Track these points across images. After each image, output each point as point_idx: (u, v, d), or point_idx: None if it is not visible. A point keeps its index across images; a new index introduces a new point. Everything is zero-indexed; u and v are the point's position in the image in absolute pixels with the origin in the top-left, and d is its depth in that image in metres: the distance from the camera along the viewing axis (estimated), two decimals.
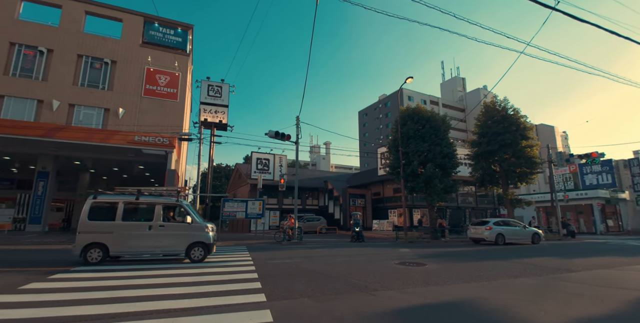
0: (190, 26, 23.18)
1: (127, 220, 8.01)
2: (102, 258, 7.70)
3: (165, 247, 8.14)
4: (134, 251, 8.00)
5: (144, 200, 8.29)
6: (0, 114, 17.70)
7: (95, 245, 7.67)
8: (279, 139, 16.44)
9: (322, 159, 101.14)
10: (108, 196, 8.21)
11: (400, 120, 20.83)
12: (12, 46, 18.61)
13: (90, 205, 7.89)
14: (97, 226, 7.78)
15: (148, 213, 8.20)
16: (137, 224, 8.04)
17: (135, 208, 8.28)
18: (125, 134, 16.99)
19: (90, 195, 8.23)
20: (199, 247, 8.27)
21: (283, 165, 31.11)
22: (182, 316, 3.66)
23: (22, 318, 3.51)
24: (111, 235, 7.77)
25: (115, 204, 8.02)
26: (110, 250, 7.73)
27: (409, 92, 61.74)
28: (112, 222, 7.87)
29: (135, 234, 7.93)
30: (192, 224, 8.35)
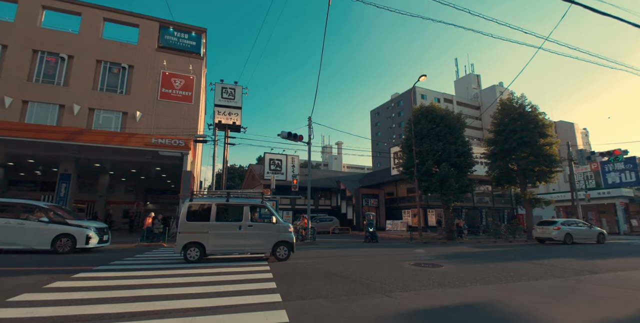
0: (204, 30, 23.60)
1: (219, 220, 8.51)
2: (199, 257, 8.18)
3: (253, 246, 8.55)
4: (225, 249, 8.48)
5: (233, 202, 8.76)
6: (25, 118, 18.47)
7: (194, 244, 8.18)
8: (292, 139, 16.53)
9: (334, 159, 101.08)
10: (202, 199, 8.93)
11: (414, 119, 20.58)
12: (35, 53, 19.40)
13: (187, 207, 8.47)
14: (195, 226, 8.31)
15: (237, 214, 8.69)
16: (229, 224, 8.54)
17: (225, 209, 8.80)
18: (142, 137, 17.45)
19: (186, 198, 8.92)
20: (283, 246, 8.62)
21: (295, 165, 31.25)
22: (199, 315, 3.72)
23: (48, 316, 3.65)
24: (207, 234, 8.26)
25: (209, 206, 8.53)
26: (207, 249, 8.22)
27: (422, 90, 60.94)
28: (208, 223, 8.36)
29: (228, 234, 8.41)
30: (277, 224, 8.77)
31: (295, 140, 16.64)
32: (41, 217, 10.17)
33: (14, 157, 20.04)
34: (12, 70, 18.68)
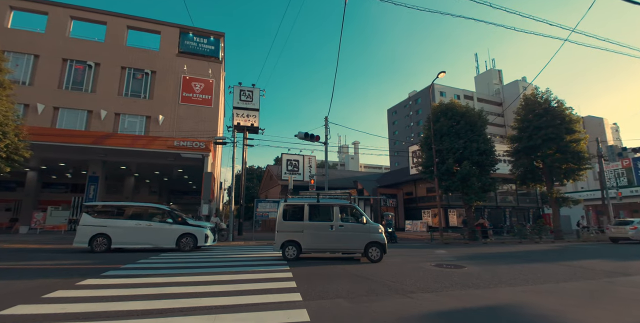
0: (222, 34, 24.12)
1: (312, 220, 8.79)
2: (296, 255, 8.52)
3: (345, 246, 8.67)
4: (319, 248, 8.66)
5: (323, 203, 9.00)
6: (56, 124, 19.50)
7: (291, 243, 8.56)
8: (308, 140, 16.58)
9: (350, 158, 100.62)
10: (295, 199, 9.25)
11: (433, 117, 20.18)
12: (64, 62, 20.45)
13: (283, 207, 8.88)
14: (291, 226, 8.70)
15: (327, 215, 8.87)
16: (321, 224, 8.74)
17: (317, 209, 9.02)
18: (165, 140, 18.04)
19: (281, 199, 9.46)
20: (375, 247, 8.55)
21: (312, 165, 31.35)
22: (222, 313, 3.81)
23: (80, 312, 3.84)
24: (302, 233, 8.61)
25: (301, 206, 8.85)
26: (303, 247, 8.53)
27: (441, 87, 59.62)
28: (302, 222, 8.70)
29: (320, 233, 8.64)
30: (367, 225, 8.78)
31: (312, 141, 16.69)
32: (167, 218, 11.16)
33: (46, 161, 21.22)
34: (44, 78, 19.78)
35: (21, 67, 19.51)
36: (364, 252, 8.51)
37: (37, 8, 20.85)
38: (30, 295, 4.58)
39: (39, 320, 3.50)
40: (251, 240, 16.32)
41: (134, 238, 10.72)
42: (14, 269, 6.96)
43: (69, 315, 3.66)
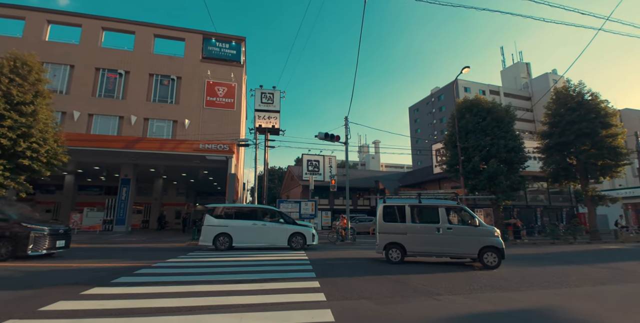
0: (243, 38, 24.65)
1: (415, 222, 8.45)
2: (401, 258, 8.20)
3: (454, 251, 8.11)
4: (425, 252, 8.26)
5: (427, 204, 8.56)
6: (91, 130, 20.67)
7: (394, 245, 8.29)
8: (329, 140, 16.62)
9: (371, 158, 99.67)
10: (394, 200, 8.91)
11: (457, 114, 19.61)
12: (97, 71, 21.64)
13: (382, 208, 8.62)
14: (392, 227, 8.43)
15: (432, 216, 8.41)
16: (427, 226, 8.33)
17: (420, 211, 8.66)
18: (191, 143, 18.69)
19: (380, 199, 9.18)
20: (492, 253, 7.82)
21: (333, 165, 31.36)
22: (249, 311, 3.90)
23: (114, 308, 4.06)
24: (405, 236, 8.29)
25: (402, 207, 8.52)
26: (407, 250, 8.24)
27: (465, 83, 57.84)
28: (404, 224, 8.38)
29: (427, 236, 8.22)
30: (480, 227, 8.13)
31: (333, 141, 16.71)
32: (279, 218, 11.95)
33: (82, 165, 22.53)
34: (79, 87, 21.02)
35: (58, 77, 20.84)
36: (477, 257, 7.87)
37: (71, 21, 22.21)
38: (70, 292, 4.89)
39: (80, 316, 3.73)
40: None
41: (252, 237, 11.48)
42: (55, 268, 7.45)
43: (105, 311, 3.89)
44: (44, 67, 14.87)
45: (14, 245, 7.93)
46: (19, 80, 13.45)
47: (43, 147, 13.71)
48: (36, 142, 13.49)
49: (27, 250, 7.98)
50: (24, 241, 7.98)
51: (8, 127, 12.61)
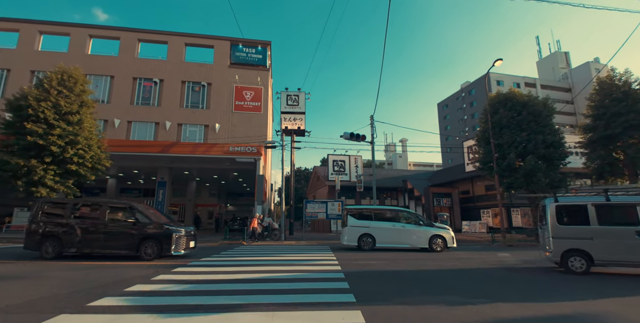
0: (268, 43, 25.20)
1: (605, 224, 6.97)
2: (586, 268, 6.92)
3: None
4: (622, 261, 6.83)
5: (618, 202, 7.13)
6: (130, 136, 22.01)
7: (575, 252, 7.03)
8: (354, 140, 16.52)
9: (398, 157, 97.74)
10: (570, 199, 7.66)
11: (490, 109, 18.73)
12: (134, 80, 23.03)
13: (555, 208, 7.42)
14: (573, 231, 7.18)
15: (626, 217, 6.92)
16: (622, 230, 6.83)
17: (609, 210, 7.18)
18: (221, 146, 19.38)
19: (547, 198, 7.84)
20: None
21: (359, 165, 31.09)
22: (280, 311, 3.97)
23: (155, 305, 4.29)
24: (591, 242, 6.94)
25: (582, 207, 7.24)
26: (595, 259, 6.89)
27: (498, 76, 55.10)
28: (589, 227, 7.03)
29: (621, 242, 6.75)
30: None
31: (358, 141, 16.59)
32: (417, 221, 12.19)
33: (123, 168, 24.05)
34: (119, 96, 22.48)
35: (100, 88, 22.42)
36: None
37: (111, 34, 23.83)
38: (115, 287, 5.24)
39: (123, 311, 3.99)
40: (302, 240, 16.71)
41: (393, 238, 11.79)
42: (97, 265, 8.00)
43: (146, 308, 4.12)
44: (87, 79, 16.08)
45: (159, 245, 8.58)
46: (66, 92, 14.61)
47: (88, 153, 14.79)
48: (82, 148, 14.59)
49: (171, 250, 8.59)
50: (168, 241, 8.59)
51: (58, 136, 13.74)
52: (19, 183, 13.50)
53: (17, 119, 13.85)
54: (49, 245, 8.61)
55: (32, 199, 14.28)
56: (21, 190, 13.75)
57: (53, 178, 13.95)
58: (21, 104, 13.79)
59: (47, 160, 13.62)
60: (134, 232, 8.64)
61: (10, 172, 13.38)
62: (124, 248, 8.62)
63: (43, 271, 6.74)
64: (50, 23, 23.49)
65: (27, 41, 22.81)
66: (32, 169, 13.33)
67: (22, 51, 22.51)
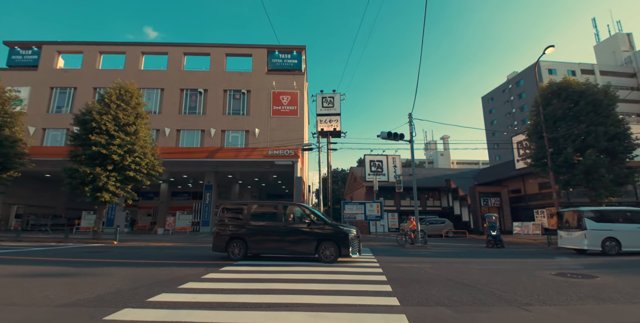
0: (303, 47, 25.74)
1: None
2: None
3: None
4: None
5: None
6: (179, 143, 23.64)
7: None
8: (392, 139, 16.18)
9: (440, 155, 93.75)
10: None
11: (542, 100, 17.29)
12: (182, 92, 24.75)
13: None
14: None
15: None
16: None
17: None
18: (261, 150, 20.14)
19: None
20: None
21: (397, 165, 30.38)
22: (322, 311, 4.02)
23: (206, 302, 4.57)
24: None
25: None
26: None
27: (549, 64, 50.71)
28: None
29: None
30: None
31: (396, 140, 16.22)
32: None
33: (173, 174, 25.90)
34: (168, 107, 24.29)
35: (152, 100, 24.42)
36: None
37: (160, 50, 25.87)
38: (170, 284, 5.67)
39: (178, 307, 4.31)
40: None
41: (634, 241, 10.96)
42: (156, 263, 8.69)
43: (199, 304, 4.41)
44: (141, 92, 17.61)
45: (336, 247, 8.38)
46: (124, 105, 16.10)
47: (144, 160, 16.14)
48: (138, 156, 15.96)
49: (349, 252, 8.37)
50: (345, 243, 8.38)
51: (117, 145, 15.17)
52: (86, 189, 15.14)
53: (83, 132, 15.55)
54: (235, 247, 8.83)
55: (97, 203, 15.94)
56: (88, 196, 15.38)
57: (114, 184, 15.43)
58: (86, 118, 15.46)
59: (109, 168, 15.12)
60: (312, 233, 8.54)
61: (79, 179, 15.05)
62: (304, 250, 8.55)
63: (105, 269, 7.48)
64: (109, 44, 26.08)
65: (90, 61, 25.54)
66: (97, 176, 14.87)
67: (86, 70, 25.26)
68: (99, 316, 3.69)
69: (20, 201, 25.99)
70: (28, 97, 24.37)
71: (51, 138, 24.14)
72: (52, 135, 24.18)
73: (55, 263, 8.13)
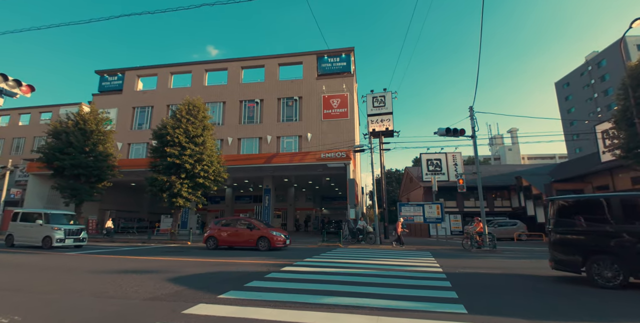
0: (351, 49, 25.81)
1: None
2: None
3: None
4: None
5: None
6: (240, 151, 25.33)
7: None
8: (451, 135, 15.24)
9: (507, 150, 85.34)
10: None
11: (631, 81, 14.79)
12: (241, 103, 26.57)
13: None
14: None
15: None
16: None
17: None
18: (314, 154, 20.61)
19: None
20: None
21: (458, 163, 28.48)
22: (384, 316, 3.97)
23: (269, 300, 4.83)
24: None
25: None
26: None
27: (638, 39, 43.24)
28: None
29: None
30: None
31: (456, 136, 15.24)
32: None
33: (236, 179, 27.82)
34: (230, 118, 26.24)
35: (216, 112, 26.65)
36: None
37: (220, 66, 28.19)
38: (237, 283, 6.10)
39: (245, 304, 4.63)
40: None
41: None
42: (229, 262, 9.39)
43: (264, 302, 4.68)
44: (206, 107, 19.36)
45: None
46: (192, 119, 17.84)
47: (211, 168, 17.67)
48: (206, 164, 17.52)
49: None
50: None
51: (189, 155, 16.84)
52: (164, 196, 17.07)
53: (160, 145, 17.58)
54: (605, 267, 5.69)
55: (173, 208, 17.84)
56: (165, 201, 17.33)
57: (187, 190, 17.16)
58: (162, 132, 17.46)
59: (182, 176, 16.86)
60: None
61: (158, 187, 17.04)
62: None
63: (182, 267, 8.31)
64: (177, 65, 29.17)
65: (163, 82, 28.82)
66: (173, 184, 16.68)
67: (160, 90, 28.55)
68: (179, 310, 4.16)
69: (112, 207, 30.30)
70: (115, 117, 28.40)
71: (135, 151, 27.76)
72: (135, 148, 27.81)
73: (142, 262, 9.31)
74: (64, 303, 4.51)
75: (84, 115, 19.60)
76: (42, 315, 3.93)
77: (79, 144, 18.32)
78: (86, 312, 4.07)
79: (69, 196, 18.74)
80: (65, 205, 19.53)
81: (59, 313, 4.02)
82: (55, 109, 33.10)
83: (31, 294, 5.05)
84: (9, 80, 7.42)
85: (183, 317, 3.88)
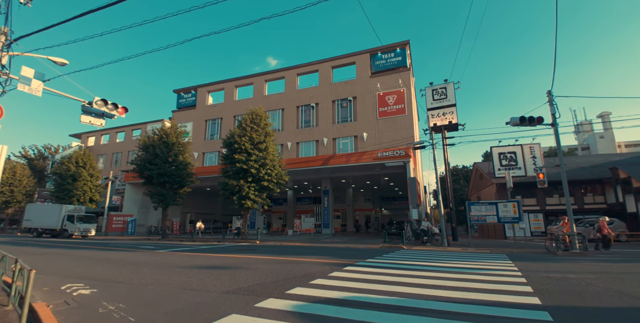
0: (407, 42, 24.98)
1: None
2: None
3: None
4: None
5: None
6: (298, 154, 26.27)
7: None
8: (526, 125, 13.68)
9: (598, 138, 73.31)
10: None
11: None
12: (297, 109, 27.62)
13: None
14: None
15: None
16: None
17: None
18: (370, 153, 20.37)
19: None
20: None
21: (536, 155, 25.41)
22: (456, 320, 3.80)
23: (334, 298, 4.95)
24: None
25: None
26: None
27: None
28: None
29: None
30: None
31: (532, 125, 13.63)
32: None
33: (296, 181, 28.87)
34: (288, 123, 27.44)
35: (276, 119, 28.13)
36: None
37: (278, 76, 29.73)
38: (302, 280, 6.37)
39: (311, 301, 4.82)
40: (468, 246, 15.13)
41: None
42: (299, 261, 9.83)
43: (328, 300, 4.83)
44: (267, 114, 20.61)
45: None
46: (256, 127, 19.17)
47: (273, 171, 18.73)
48: (269, 168, 18.64)
49: None
50: None
51: (254, 161, 18.09)
52: (234, 198, 18.57)
53: (229, 153, 19.18)
54: None
55: (242, 209, 19.26)
56: (235, 203, 18.82)
57: (254, 193, 18.44)
58: (230, 141, 19.03)
59: (249, 180, 18.16)
60: None
61: (229, 191, 18.60)
62: None
63: (253, 264, 8.93)
64: (241, 78, 31.56)
65: (229, 95, 31.42)
66: (241, 187, 18.07)
67: (227, 103, 31.17)
68: (252, 303, 4.55)
69: (192, 210, 33.91)
70: (191, 129, 31.87)
71: (208, 159, 30.75)
72: (209, 157, 30.81)
73: (219, 259, 10.26)
74: (157, 294, 5.26)
75: (166, 130, 22.47)
76: (141, 303, 4.66)
77: (163, 155, 21.06)
78: (175, 302, 4.70)
79: (157, 201, 21.56)
80: (154, 209, 22.50)
81: (154, 302, 4.72)
82: (143, 126, 38.34)
83: (131, 285, 5.98)
84: (108, 104, 8.93)
85: (255, 309, 4.23)
